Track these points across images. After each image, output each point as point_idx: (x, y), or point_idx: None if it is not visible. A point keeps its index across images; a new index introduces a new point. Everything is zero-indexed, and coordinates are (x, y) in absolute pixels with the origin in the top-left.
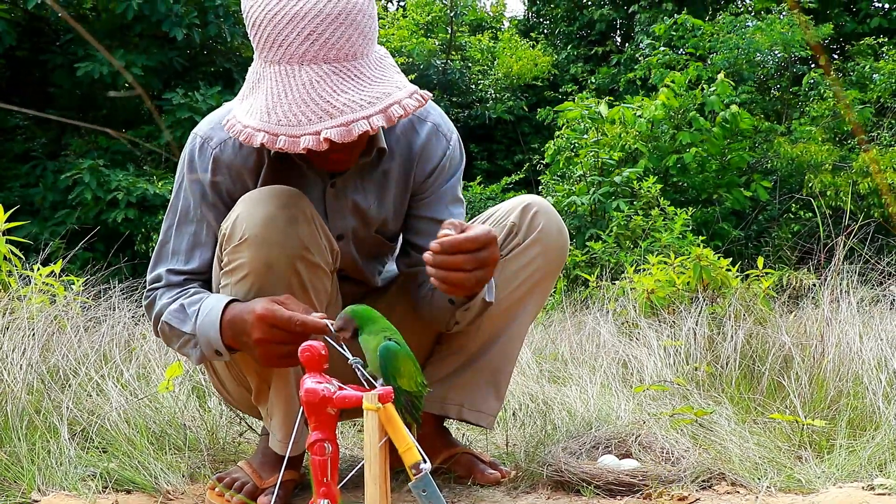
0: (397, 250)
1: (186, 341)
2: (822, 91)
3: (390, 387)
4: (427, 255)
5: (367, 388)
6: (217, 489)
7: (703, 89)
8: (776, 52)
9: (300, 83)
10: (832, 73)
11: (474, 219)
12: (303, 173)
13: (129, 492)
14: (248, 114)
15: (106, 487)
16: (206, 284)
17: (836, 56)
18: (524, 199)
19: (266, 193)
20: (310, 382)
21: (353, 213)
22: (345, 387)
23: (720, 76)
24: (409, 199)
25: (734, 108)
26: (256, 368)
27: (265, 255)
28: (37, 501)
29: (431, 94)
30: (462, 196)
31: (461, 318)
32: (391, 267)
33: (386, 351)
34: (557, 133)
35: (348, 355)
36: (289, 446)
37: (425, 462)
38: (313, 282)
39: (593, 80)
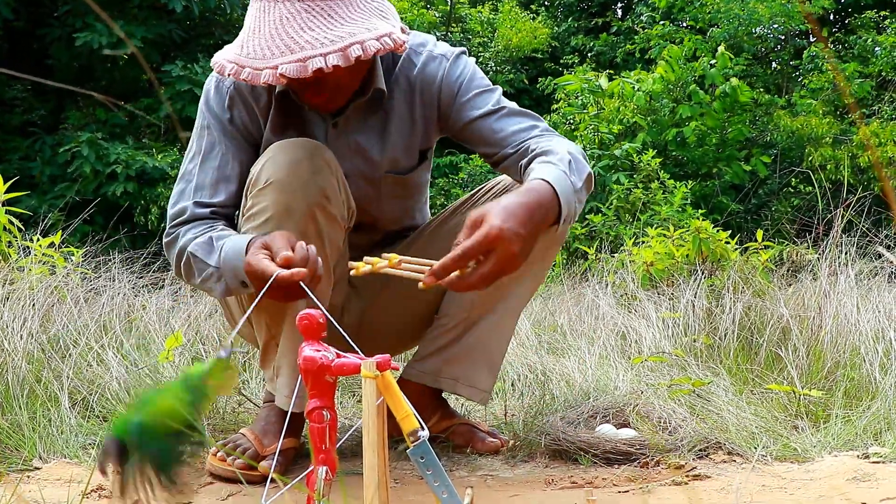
0: (425, 193)
1: (210, 275)
2: (820, 64)
3: (388, 355)
4: (427, 280)
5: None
6: (219, 454)
7: (702, 59)
8: (776, 25)
9: (272, 19)
10: (829, 45)
11: (476, 193)
12: (307, 116)
13: None
14: (229, 48)
15: None
16: (231, 222)
17: (837, 29)
18: None
19: (293, 143)
20: (308, 350)
21: (357, 153)
22: (343, 354)
23: (721, 48)
24: (433, 129)
25: (734, 80)
26: (267, 322)
27: (286, 200)
28: (38, 468)
29: (406, 37)
30: (488, 84)
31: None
32: (419, 219)
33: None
34: (554, 107)
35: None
36: (292, 401)
37: (423, 429)
38: (329, 233)
39: (594, 47)
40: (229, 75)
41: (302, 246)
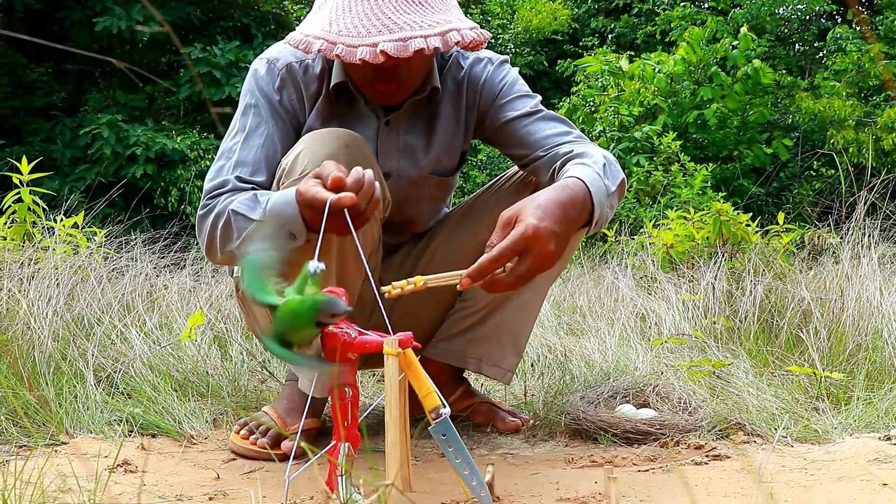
0: (451, 194)
1: (253, 231)
2: (844, 45)
3: (410, 332)
4: (465, 283)
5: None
6: (242, 432)
7: (724, 44)
8: (800, 5)
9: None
10: (862, 13)
11: (496, 182)
12: (358, 109)
13: (154, 436)
14: (310, 26)
15: (132, 431)
16: None
17: (864, 9)
18: None
19: (329, 133)
20: (331, 328)
21: (404, 152)
22: (366, 332)
23: (743, 29)
24: (471, 130)
25: (756, 62)
26: None
27: None
28: (65, 443)
29: (490, 35)
30: (529, 91)
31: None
32: (443, 211)
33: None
34: (574, 89)
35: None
36: (313, 385)
37: (445, 407)
38: (363, 227)
39: (614, 29)
40: (319, 51)
41: (357, 170)
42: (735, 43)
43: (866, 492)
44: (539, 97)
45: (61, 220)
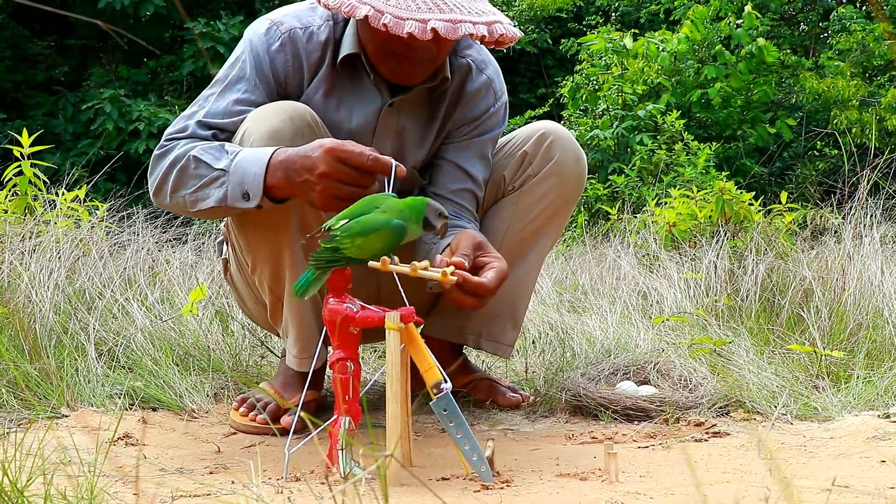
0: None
1: (213, 179)
2: (848, 25)
3: (412, 307)
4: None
5: None
6: (241, 409)
7: (728, 22)
8: None
9: None
10: (872, 2)
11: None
12: (362, 85)
13: (154, 409)
14: None
15: (133, 404)
16: None
17: None
18: (540, 126)
19: (272, 108)
20: (333, 302)
21: (397, 137)
22: (368, 306)
23: (747, 8)
24: (441, 139)
25: (761, 41)
26: (271, 286)
27: None
28: (66, 416)
29: (521, 34)
30: (490, 157)
31: None
32: None
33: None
34: (577, 68)
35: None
36: (311, 362)
37: (446, 382)
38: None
39: (619, 7)
40: (364, 17)
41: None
42: (739, 21)
43: (865, 468)
44: (489, 166)
45: (63, 193)
